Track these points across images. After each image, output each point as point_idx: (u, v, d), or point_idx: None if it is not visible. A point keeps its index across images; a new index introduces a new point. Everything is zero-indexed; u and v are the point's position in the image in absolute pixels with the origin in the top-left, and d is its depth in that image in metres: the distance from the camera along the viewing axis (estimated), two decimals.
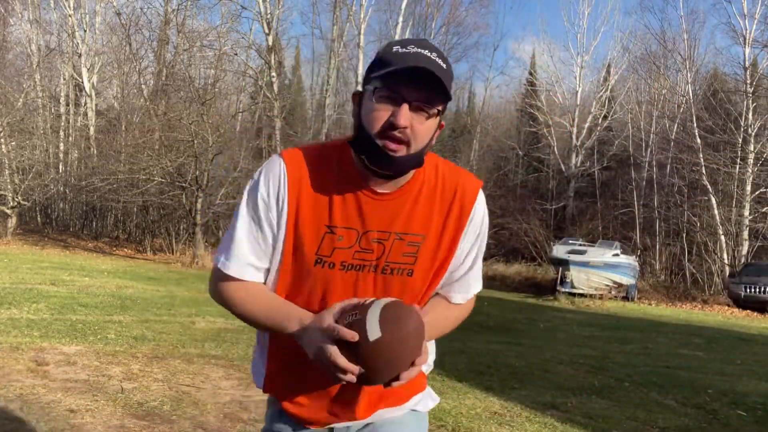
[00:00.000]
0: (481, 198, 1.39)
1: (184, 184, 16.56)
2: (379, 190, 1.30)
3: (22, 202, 18.30)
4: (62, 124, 23.18)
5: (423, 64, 1.18)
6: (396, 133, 1.20)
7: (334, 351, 1.14)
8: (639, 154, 27.91)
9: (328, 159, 1.33)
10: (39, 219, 22.11)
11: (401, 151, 1.22)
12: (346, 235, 1.31)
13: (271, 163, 1.33)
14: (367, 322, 1.15)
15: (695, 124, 22.99)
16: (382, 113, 1.21)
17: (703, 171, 22.01)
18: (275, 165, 1.32)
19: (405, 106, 1.20)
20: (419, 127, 1.22)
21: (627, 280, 17.91)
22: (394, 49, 1.23)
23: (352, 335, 1.13)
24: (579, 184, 30.24)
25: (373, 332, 1.13)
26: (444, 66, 1.22)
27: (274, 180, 1.31)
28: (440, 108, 1.24)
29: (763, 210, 22.15)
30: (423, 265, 1.34)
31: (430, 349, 1.44)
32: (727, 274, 20.43)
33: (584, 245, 19.04)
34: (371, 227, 1.31)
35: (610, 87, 30.56)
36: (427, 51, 1.22)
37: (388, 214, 1.31)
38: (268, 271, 1.35)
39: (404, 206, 1.32)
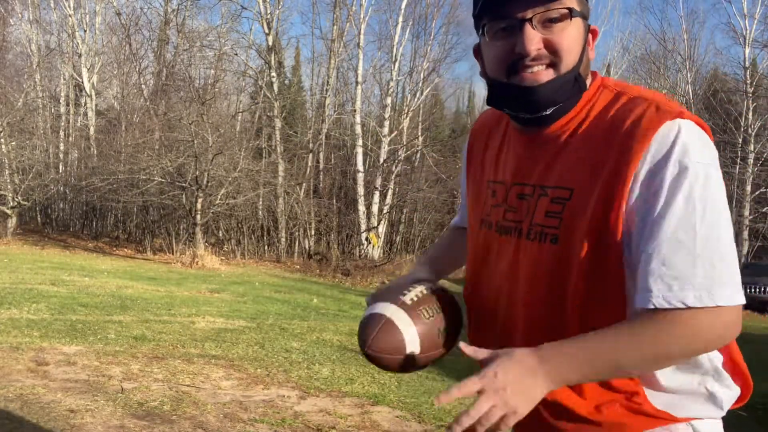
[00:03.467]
0: (669, 130, 0.91)
1: (184, 184, 16.55)
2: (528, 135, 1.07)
3: (22, 202, 18.27)
4: (62, 124, 23.15)
5: None
6: (528, 62, 0.95)
7: None
8: None
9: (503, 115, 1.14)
10: (39, 219, 22.07)
11: (546, 75, 0.96)
12: (499, 191, 1.12)
13: None
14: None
15: None
16: (503, 49, 0.97)
17: None
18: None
19: (526, 27, 0.93)
20: (559, 38, 0.95)
21: None
22: None
23: None
24: None
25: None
26: None
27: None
28: (572, 6, 0.96)
29: (763, 210, 22.16)
30: (572, 232, 0.96)
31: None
32: None
33: None
34: (515, 179, 1.08)
35: None
36: None
37: (529, 161, 1.05)
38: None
39: (549, 150, 1.03)
